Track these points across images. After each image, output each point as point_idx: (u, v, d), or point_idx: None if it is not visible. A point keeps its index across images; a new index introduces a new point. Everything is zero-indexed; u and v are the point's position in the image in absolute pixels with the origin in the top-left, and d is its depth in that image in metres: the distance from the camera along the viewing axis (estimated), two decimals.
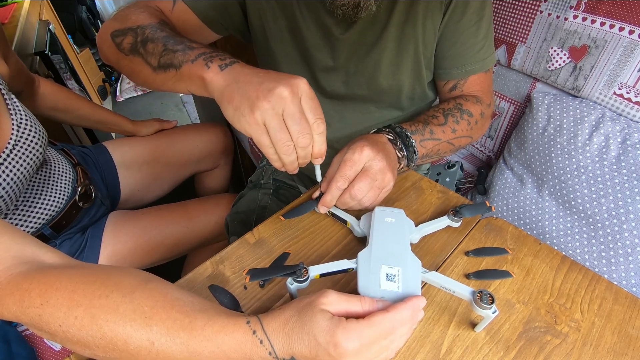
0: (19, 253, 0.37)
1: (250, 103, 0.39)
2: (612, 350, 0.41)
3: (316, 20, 0.64)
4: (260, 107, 0.38)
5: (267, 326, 0.33)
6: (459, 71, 0.67)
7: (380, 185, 0.50)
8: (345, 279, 0.47)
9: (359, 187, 0.48)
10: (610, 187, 0.72)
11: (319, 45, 0.66)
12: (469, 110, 0.66)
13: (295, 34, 0.66)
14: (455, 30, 0.63)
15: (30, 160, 0.63)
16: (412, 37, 0.63)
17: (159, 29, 0.53)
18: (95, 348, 0.32)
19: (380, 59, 0.65)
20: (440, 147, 0.62)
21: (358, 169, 0.48)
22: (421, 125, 0.60)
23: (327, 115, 0.72)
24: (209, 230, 0.92)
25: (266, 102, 0.38)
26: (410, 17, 0.62)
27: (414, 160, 0.57)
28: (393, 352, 0.35)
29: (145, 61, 0.51)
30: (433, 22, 0.62)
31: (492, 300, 0.37)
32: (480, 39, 0.65)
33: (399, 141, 0.56)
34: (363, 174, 0.48)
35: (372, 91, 0.69)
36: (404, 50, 0.64)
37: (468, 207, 0.52)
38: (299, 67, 0.70)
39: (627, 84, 0.72)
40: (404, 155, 0.55)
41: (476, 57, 0.66)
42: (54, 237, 0.73)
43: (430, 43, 0.65)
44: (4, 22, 1.27)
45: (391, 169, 0.50)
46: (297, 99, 0.40)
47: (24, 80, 0.80)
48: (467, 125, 0.65)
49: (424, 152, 0.59)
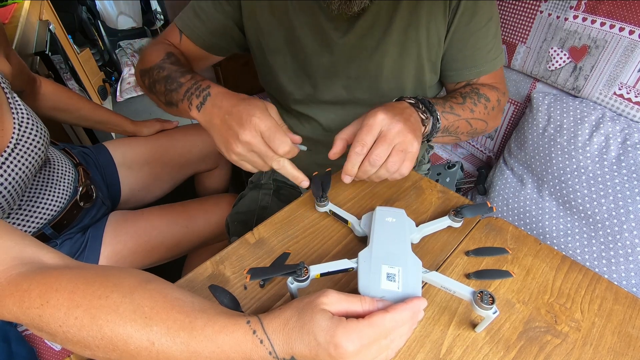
0: (19, 254, 0.37)
1: (225, 146, 0.51)
2: (612, 350, 0.41)
3: (314, 26, 0.64)
4: (233, 150, 0.49)
5: (268, 326, 0.33)
6: (470, 72, 0.66)
7: (402, 147, 0.47)
8: (345, 279, 0.47)
9: (377, 152, 0.46)
10: (610, 187, 0.72)
11: (318, 51, 0.66)
12: (486, 95, 0.65)
13: (294, 45, 0.67)
14: (465, 33, 0.62)
15: (32, 159, 0.63)
16: (415, 41, 0.63)
17: (162, 67, 0.62)
18: (95, 348, 0.32)
19: (382, 63, 0.65)
20: (459, 125, 0.61)
21: (375, 133, 0.47)
22: (440, 100, 0.59)
23: (329, 120, 0.74)
24: (209, 231, 0.92)
25: (236, 147, 0.49)
26: (413, 22, 0.61)
27: (438, 128, 0.55)
28: (393, 352, 0.35)
29: (159, 100, 0.62)
30: (437, 25, 0.62)
31: (493, 300, 0.37)
32: (490, 39, 0.64)
33: (422, 105, 0.54)
34: (380, 139, 0.46)
35: (373, 95, 0.69)
36: (406, 55, 0.64)
37: (469, 208, 0.52)
38: (298, 77, 0.70)
39: (627, 84, 0.72)
40: (427, 117, 0.53)
41: (487, 57, 0.65)
42: (55, 236, 0.73)
43: (434, 47, 0.64)
44: (4, 22, 1.27)
45: (412, 130, 0.47)
46: (258, 135, 0.48)
47: (25, 80, 0.80)
48: (484, 109, 0.64)
49: (445, 123, 0.58)
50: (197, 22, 0.69)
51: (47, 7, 1.71)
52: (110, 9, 2.75)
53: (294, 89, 0.72)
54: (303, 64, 0.68)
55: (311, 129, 0.76)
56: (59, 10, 1.88)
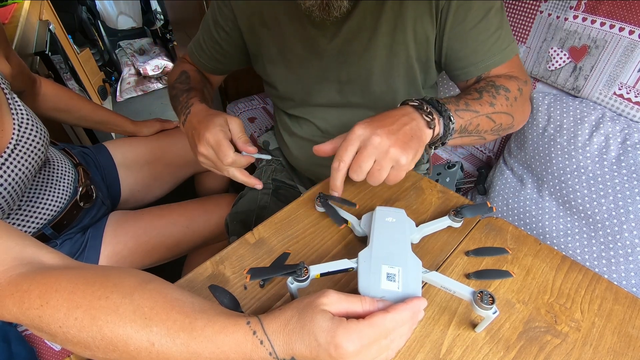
0: (19, 254, 0.37)
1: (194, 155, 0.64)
2: (612, 350, 0.41)
3: (303, 35, 0.66)
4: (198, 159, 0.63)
5: (268, 327, 0.33)
6: (477, 68, 0.63)
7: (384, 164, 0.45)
8: (345, 279, 0.47)
9: (358, 165, 0.46)
10: (610, 187, 0.72)
11: (308, 59, 0.69)
12: (504, 86, 0.59)
13: (286, 54, 0.70)
14: (462, 30, 0.61)
15: (32, 160, 0.63)
16: (403, 43, 0.63)
17: (174, 87, 0.75)
18: (95, 349, 0.32)
19: (372, 66, 0.66)
20: (480, 122, 0.55)
21: (353, 148, 0.46)
22: (453, 99, 0.55)
23: (326, 122, 0.76)
24: (209, 230, 0.92)
25: (199, 156, 0.62)
26: (399, 24, 0.62)
27: (451, 129, 0.51)
28: (393, 353, 0.35)
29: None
30: (423, 26, 0.61)
31: (493, 300, 0.37)
32: (493, 31, 0.61)
33: (427, 106, 0.50)
34: (359, 152, 0.46)
35: (366, 98, 0.71)
36: (394, 57, 0.65)
37: (469, 208, 0.52)
38: (293, 86, 0.74)
39: (627, 84, 0.72)
40: (433, 118, 0.49)
41: (493, 50, 0.61)
42: (55, 237, 0.73)
43: (423, 46, 0.64)
44: (4, 22, 1.27)
45: (398, 142, 0.45)
46: (210, 148, 0.59)
47: (25, 80, 0.80)
48: (505, 101, 0.58)
49: (461, 122, 0.53)
50: (200, 51, 0.80)
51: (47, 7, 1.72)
52: (110, 9, 2.75)
53: (291, 94, 0.75)
54: (296, 71, 0.71)
55: (309, 131, 0.78)
56: (59, 10, 1.89)
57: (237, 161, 0.59)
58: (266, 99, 1.44)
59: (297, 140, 0.81)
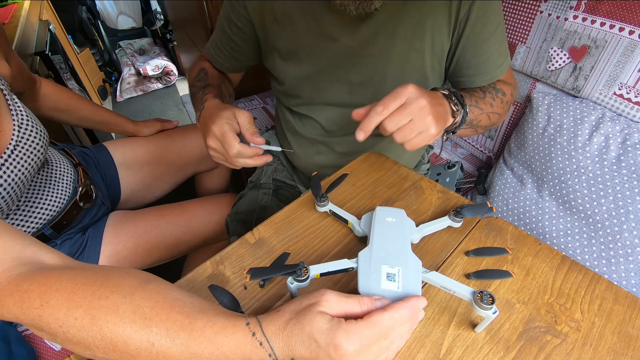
0: (19, 254, 0.37)
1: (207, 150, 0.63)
2: (612, 350, 0.41)
3: (317, 33, 0.66)
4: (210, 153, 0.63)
5: (267, 328, 0.33)
6: (482, 79, 0.67)
7: (418, 126, 0.48)
8: (345, 279, 0.47)
9: (391, 118, 0.48)
10: (610, 187, 0.72)
11: (321, 57, 0.68)
12: (503, 90, 0.68)
13: (299, 53, 0.69)
14: (476, 42, 0.64)
15: (31, 161, 0.63)
16: (420, 51, 0.64)
17: (193, 85, 0.77)
18: (95, 349, 0.32)
19: (386, 70, 0.66)
20: (481, 118, 0.63)
21: (400, 101, 0.48)
22: (467, 94, 0.61)
23: (331, 122, 0.76)
24: (209, 230, 0.92)
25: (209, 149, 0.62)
26: (418, 32, 0.62)
27: (465, 120, 0.58)
28: (393, 353, 0.35)
29: None
30: (441, 36, 0.63)
31: (493, 300, 0.37)
32: (499, 44, 0.65)
33: (454, 97, 0.56)
34: (402, 107, 0.48)
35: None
36: (409, 63, 0.65)
37: (469, 208, 0.52)
38: (302, 83, 0.73)
39: (627, 84, 0.72)
40: (458, 109, 0.55)
41: (497, 62, 0.67)
42: (55, 237, 0.73)
43: (438, 56, 0.66)
44: (4, 22, 1.27)
45: (435, 113, 0.49)
46: (217, 141, 0.59)
47: (25, 81, 0.80)
48: (500, 103, 0.67)
49: (471, 117, 0.60)
50: (217, 50, 0.80)
51: (47, 7, 1.72)
52: (110, 9, 2.74)
53: (298, 91, 0.75)
54: (307, 68, 0.70)
55: (312, 130, 0.78)
56: (59, 10, 1.89)
57: (243, 152, 0.59)
58: (266, 99, 1.44)
59: (300, 139, 0.80)
